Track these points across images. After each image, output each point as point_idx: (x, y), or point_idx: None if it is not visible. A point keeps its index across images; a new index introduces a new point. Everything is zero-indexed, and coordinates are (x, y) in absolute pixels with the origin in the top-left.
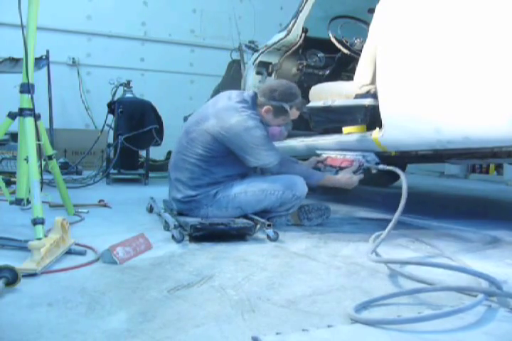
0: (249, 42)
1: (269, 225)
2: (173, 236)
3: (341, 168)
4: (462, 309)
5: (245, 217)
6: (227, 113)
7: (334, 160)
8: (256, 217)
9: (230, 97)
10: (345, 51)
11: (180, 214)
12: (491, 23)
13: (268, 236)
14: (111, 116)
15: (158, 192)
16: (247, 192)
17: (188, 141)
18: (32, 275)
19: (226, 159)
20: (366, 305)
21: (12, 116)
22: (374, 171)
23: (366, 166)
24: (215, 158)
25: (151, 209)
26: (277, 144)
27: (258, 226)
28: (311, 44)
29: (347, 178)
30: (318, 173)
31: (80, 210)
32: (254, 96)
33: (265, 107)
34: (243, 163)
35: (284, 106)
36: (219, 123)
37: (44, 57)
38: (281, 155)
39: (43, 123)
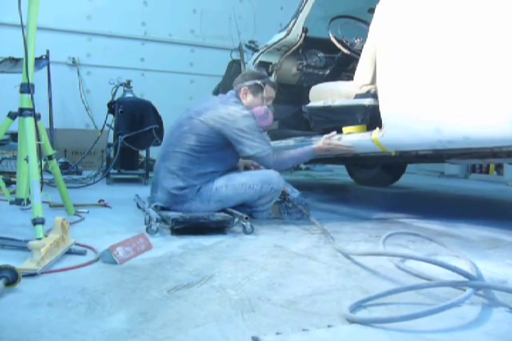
0: (249, 42)
1: (246, 218)
2: (147, 229)
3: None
4: (455, 303)
5: (225, 211)
6: (223, 105)
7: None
8: (235, 211)
9: (220, 96)
10: (345, 51)
11: (163, 209)
12: (490, 22)
13: (244, 229)
14: (111, 116)
15: None
16: (227, 186)
17: (181, 134)
18: (32, 275)
19: (217, 154)
20: (363, 305)
21: (12, 116)
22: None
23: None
24: (207, 149)
25: (138, 206)
26: (277, 144)
27: (236, 219)
28: (311, 44)
29: (327, 144)
30: (308, 151)
31: (80, 210)
32: (234, 91)
33: (242, 89)
34: (232, 158)
35: (257, 82)
36: (217, 113)
37: (44, 57)
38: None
39: (43, 123)
